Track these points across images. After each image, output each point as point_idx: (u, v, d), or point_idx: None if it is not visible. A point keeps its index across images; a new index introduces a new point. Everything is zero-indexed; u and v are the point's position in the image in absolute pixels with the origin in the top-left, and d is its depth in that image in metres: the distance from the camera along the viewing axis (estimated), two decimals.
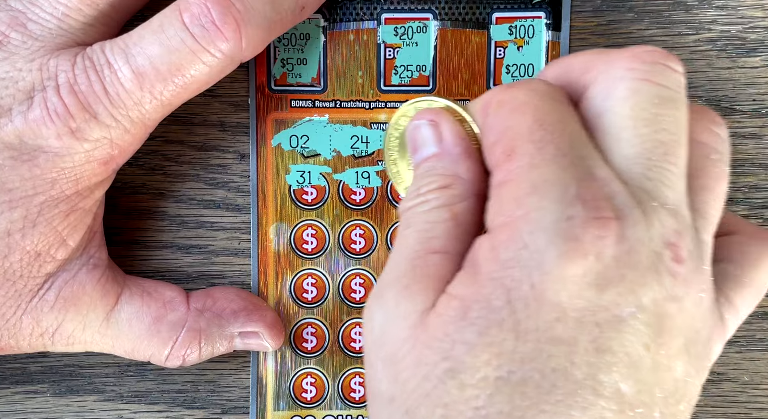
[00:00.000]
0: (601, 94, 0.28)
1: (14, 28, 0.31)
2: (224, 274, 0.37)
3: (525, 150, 0.27)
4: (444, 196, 0.29)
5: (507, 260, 0.26)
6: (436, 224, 0.29)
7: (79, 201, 0.32)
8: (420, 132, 0.31)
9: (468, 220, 0.29)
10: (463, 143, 0.30)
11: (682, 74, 0.28)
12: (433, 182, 0.30)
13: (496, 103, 0.28)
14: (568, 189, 0.26)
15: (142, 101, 0.30)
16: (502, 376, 0.25)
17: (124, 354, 0.34)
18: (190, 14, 0.30)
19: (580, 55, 0.29)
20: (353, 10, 0.35)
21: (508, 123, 0.28)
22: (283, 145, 0.36)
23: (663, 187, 0.27)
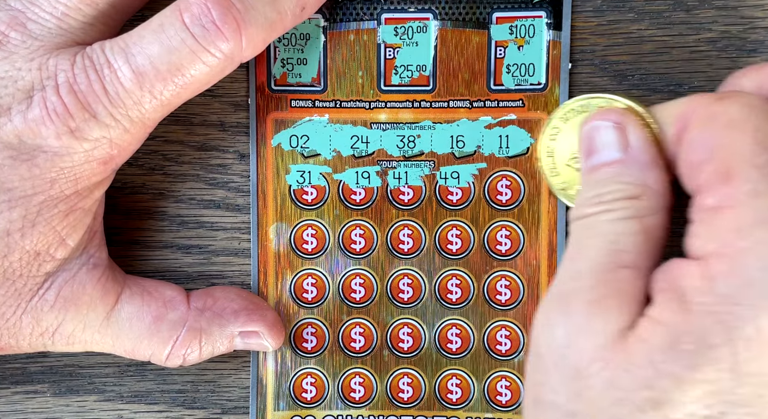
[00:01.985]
0: None
1: (14, 28, 0.31)
2: (224, 274, 0.37)
3: (747, 175, 0.25)
4: (633, 207, 0.28)
5: (728, 296, 0.25)
6: (626, 237, 0.27)
7: (78, 201, 0.32)
8: (600, 133, 0.29)
9: (658, 235, 0.28)
10: (652, 152, 0.29)
11: None
12: (619, 191, 0.28)
13: (705, 116, 0.27)
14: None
15: (142, 101, 0.30)
16: (712, 415, 0.24)
17: (125, 354, 0.34)
18: (191, 14, 0.30)
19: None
20: (353, 10, 0.35)
21: (722, 141, 0.26)
22: (283, 145, 0.36)
23: None
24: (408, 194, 0.36)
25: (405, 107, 0.35)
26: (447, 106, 0.35)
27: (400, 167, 0.36)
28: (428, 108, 0.35)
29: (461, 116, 0.35)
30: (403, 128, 0.36)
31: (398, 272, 0.36)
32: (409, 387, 0.37)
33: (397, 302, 0.36)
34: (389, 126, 0.36)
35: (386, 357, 0.37)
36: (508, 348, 0.36)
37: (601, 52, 0.35)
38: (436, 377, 0.37)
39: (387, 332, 0.37)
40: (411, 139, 0.36)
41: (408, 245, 0.36)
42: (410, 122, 0.35)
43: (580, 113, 0.31)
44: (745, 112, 0.26)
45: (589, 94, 0.31)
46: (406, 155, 0.36)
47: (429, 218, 0.36)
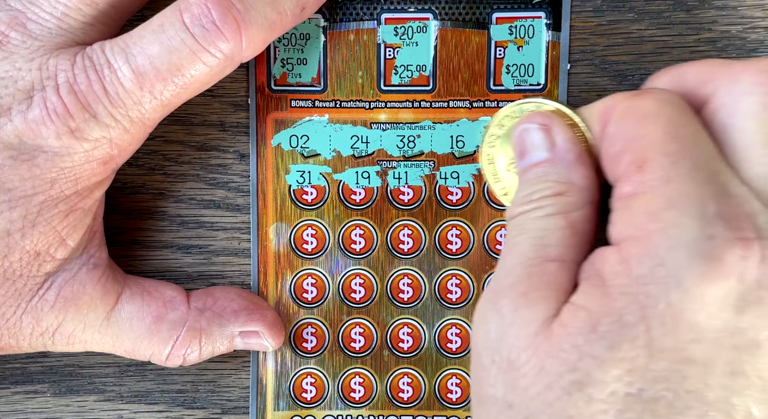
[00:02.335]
0: (726, 109, 0.27)
1: (14, 28, 0.31)
2: (224, 274, 0.37)
3: (658, 163, 0.26)
4: (559, 203, 0.29)
5: (641, 276, 0.25)
6: (552, 232, 0.28)
7: (78, 201, 0.32)
8: (529, 136, 0.30)
9: (584, 228, 0.29)
10: (577, 149, 0.30)
11: None
12: (546, 189, 0.29)
13: (622, 111, 0.28)
14: (707, 206, 0.25)
15: (142, 101, 0.30)
16: (632, 393, 0.25)
17: (125, 354, 0.34)
18: (191, 14, 0.30)
19: (695, 65, 0.29)
20: (353, 10, 0.35)
21: (637, 132, 0.27)
22: (283, 145, 0.36)
23: None
24: (408, 194, 0.36)
25: (405, 107, 0.35)
26: (447, 106, 0.35)
27: (400, 167, 0.36)
28: (428, 108, 0.35)
29: (461, 116, 0.35)
30: (403, 128, 0.36)
31: (398, 272, 0.36)
32: (409, 387, 0.37)
33: (397, 302, 0.36)
34: (389, 126, 0.36)
35: (386, 356, 0.37)
36: None
37: (600, 52, 0.35)
38: (436, 377, 0.37)
39: (387, 332, 0.37)
40: (411, 139, 0.36)
41: (408, 245, 0.36)
42: (410, 122, 0.36)
43: (514, 119, 0.32)
44: (658, 105, 0.27)
45: (521, 100, 0.32)
46: (406, 155, 0.36)
47: (429, 218, 0.36)
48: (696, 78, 0.29)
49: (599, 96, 0.35)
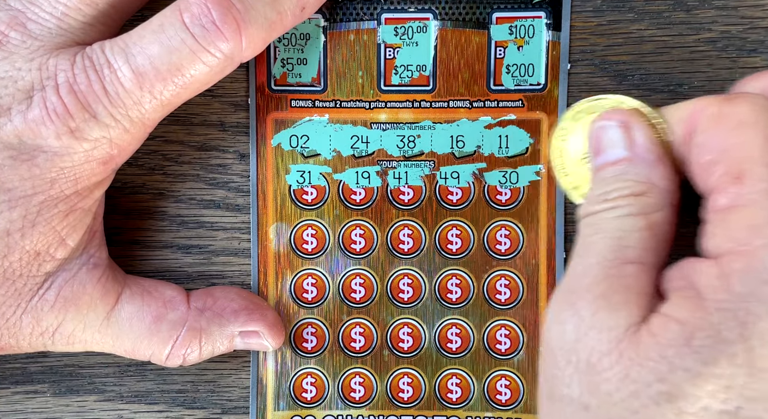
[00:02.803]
0: None
1: (13, 28, 0.31)
2: (224, 274, 0.37)
3: (759, 175, 0.26)
4: (638, 204, 0.28)
5: (743, 294, 0.25)
6: (631, 233, 0.28)
7: (78, 201, 0.32)
8: (607, 133, 0.30)
9: (664, 231, 0.28)
10: (657, 150, 0.29)
11: None
12: (624, 188, 0.29)
13: (713, 117, 0.27)
14: None
15: (142, 101, 0.30)
16: (728, 410, 0.25)
17: (125, 354, 0.34)
18: (191, 14, 0.30)
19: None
20: (353, 10, 0.35)
21: (732, 141, 0.26)
22: (283, 145, 0.36)
23: None
24: (408, 194, 0.36)
25: (405, 107, 0.35)
26: (447, 106, 0.35)
27: (400, 167, 0.36)
28: (428, 108, 0.35)
29: (461, 116, 0.35)
30: (403, 128, 0.36)
31: (398, 272, 0.36)
32: (409, 387, 0.37)
33: (397, 302, 0.36)
34: (389, 126, 0.36)
35: (386, 356, 0.37)
36: (508, 348, 0.36)
37: (600, 52, 0.35)
38: (436, 376, 0.37)
39: (387, 332, 0.37)
40: (411, 139, 0.36)
41: (408, 245, 0.36)
42: (410, 122, 0.36)
43: (589, 114, 0.32)
44: (754, 112, 0.26)
45: (598, 96, 0.32)
46: (406, 155, 0.36)
47: (429, 218, 0.36)
48: None
49: None
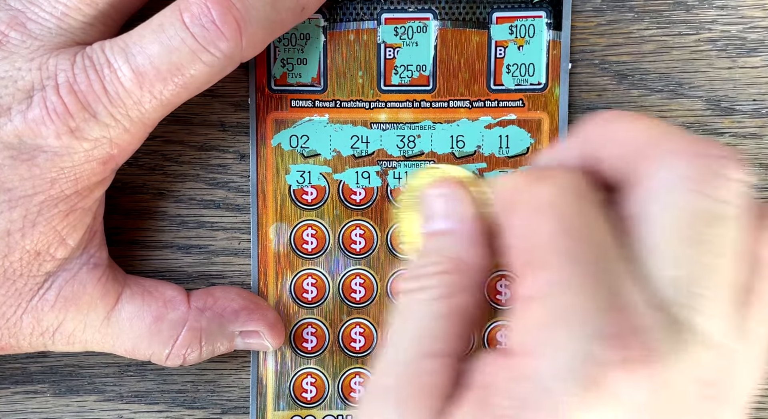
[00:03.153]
0: (646, 196, 0.25)
1: (13, 28, 0.31)
2: (224, 274, 0.37)
3: (547, 264, 0.24)
4: (445, 284, 0.27)
5: (523, 400, 0.24)
6: (434, 321, 0.27)
7: (78, 201, 0.32)
8: (435, 203, 0.29)
9: (469, 314, 0.27)
10: (475, 225, 0.28)
11: (743, 182, 0.24)
12: (436, 264, 0.27)
13: (518, 200, 0.26)
14: (593, 323, 0.23)
15: (142, 101, 0.30)
16: None
17: (125, 354, 0.34)
18: (191, 14, 0.30)
19: (633, 129, 0.26)
20: (353, 10, 0.35)
21: (530, 226, 0.25)
22: (283, 145, 0.36)
23: (702, 318, 0.24)
24: None
25: (405, 107, 0.35)
26: (447, 106, 0.35)
27: (400, 167, 0.36)
28: (428, 108, 0.35)
29: (461, 116, 0.35)
30: (403, 128, 0.36)
31: (398, 272, 0.36)
32: None
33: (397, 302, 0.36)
34: (389, 126, 0.36)
35: None
36: None
37: (601, 52, 0.35)
38: None
39: (387, 332, 0.36)
40: (411, 139, 0.36)
41: None
42: (410, 122, 0.35)
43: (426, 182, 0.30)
44: (553, 194, 0.25)
45: (436, 165, 0.31)
46: (406, 155, 0.36)
47: None
48: (627, 146, 0.25)
49: (599, 96, 0.35)
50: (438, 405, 0.25)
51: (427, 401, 0.25)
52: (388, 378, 0.26)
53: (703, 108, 0.36)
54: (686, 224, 0.24)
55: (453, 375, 0.26)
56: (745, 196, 0.24)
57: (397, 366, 0.26)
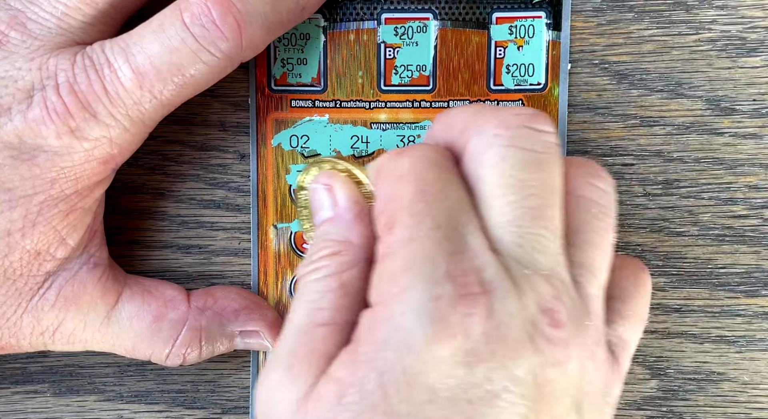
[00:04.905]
0: (473, 159, 0.28)
1: (13, 27, 0.31)
2: (224, 274, 0.37)
3: (404, 223, 0.27)
4: (334, 263, 0.29)
5: (381, 342, 0.26)
6: (324, 294, 0.29)
7: (78, 200, 0.32)
8: (317, 195, 0.31)
9: (358, 287, 0.29)
10: (356, 207, 0.30)
11: (550, 133, 0.28)
12: (325, 248, 0.30)
13: (384, 171, 0.28)
14: (438, 266, 0.26)
15: (142, 101, 0.30)
16: None
17: (125, 353, 0.34)
18: (191, 14, 0.30)
19: (460, 112, 0.29)
20: (353, 10, 0.35)
21: (392, 192, 0.28)
22: (283, 145, 0.36)
23: (535, 253, 0.27)
24: None
25: (405, 107, 0.35)
26: (447, 106, 0.35)
27: None
28: (428, 108, 0.35)
29: None
30: (403, 128, 0.36)
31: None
32: None
33: None
34: (389, 126, 0.36)
35: None
36: None
37: (601, 52, 0.35)
38: None
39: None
40: (411, 139, 0.36)
41: None
42: (410, 122, 0.36)
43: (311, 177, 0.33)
44: (412, 163, 0.28)
45: (320, 158, 0.33)
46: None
47: None
48: (459, 126, 0.29)
49: (599, 96, 0.35)
50: (321, 365, 0.27)
51: (312, 362, 0.27)
52: (282, 348, 0.28)
53: (703, 108, 0.36)
54: (505, 174, 0.27)
55: (340, 340, 0.28)
56: (552, 145, 0.28)
57: (289, 336, 0.28)
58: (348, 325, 0.28)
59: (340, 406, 0.26)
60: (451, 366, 0.25)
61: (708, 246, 0.37)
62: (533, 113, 0.28)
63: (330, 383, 0.26)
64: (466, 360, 0.25)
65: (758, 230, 0.36)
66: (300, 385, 0.27)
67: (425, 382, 0.25)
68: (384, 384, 0.25)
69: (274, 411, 0.27)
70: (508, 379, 0.25)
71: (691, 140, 0.36)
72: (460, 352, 0.25)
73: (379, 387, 0.25)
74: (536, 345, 0.26)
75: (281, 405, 0.27)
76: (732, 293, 0.37)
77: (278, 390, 0.27)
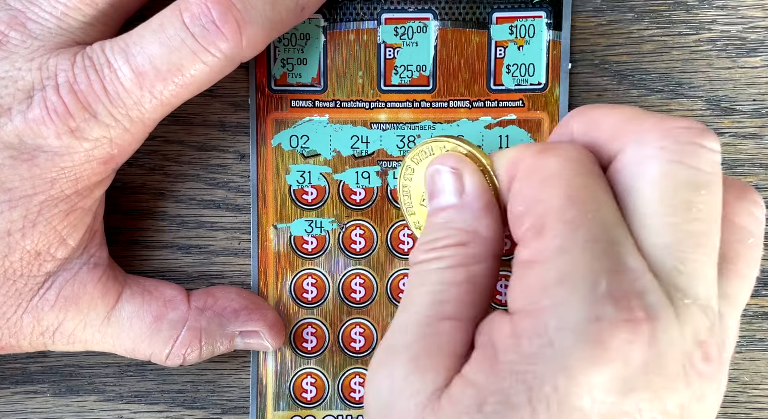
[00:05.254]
0: (630, 171, 0.26)
1: (13, 28, 0.31)
2: (224, 274, 0.37)
3: (556, 230, 0.25)
4: (461, 254, 0.28)
5: (530, 355, 0.25)
6: (450, 287, 0.28)
7: (78, 201, 0.32)
8: (440, 178, 0.30)
9: (484, 283, 0.28)
10: (485, 198, 0.29)
11: (718, 153, 0.26)
12: (450, 236, 0.28)
13: (526, 170, 0.27)
14: (598, 283, 0.24)
15: (142, 101, 0.30)
16: None
17: (125, 353, 0.34)
18: (191, 14, 0.30)
19: (611, 112, 0.28)
20: (353, 10, 0.35)
21: (538, 195, 0.26)
22: (283, 145, 0.36)
23: (695, 281, 0.25)
24: None
25: (405, 107, 0.35)
26: (447, 106, 0.35)
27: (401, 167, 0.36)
28: (428, 108, 0.35)
29: (461, 116, 0.35)
30: (403, 128, 0.36)
31: (398, 272, 0.36)
32: None
33: (396, 302, 0.36)
34: (389, 126, 0.36)
35: None
36: None
37: (601, 52, 0.35)
38: None
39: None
40: (411, 139, 0.36)
41: (408, 245, 0.36)
42: (410, 122, 0.36)
43: (428, 156, 0.31)
44: (560, 165, 0.26)
45: (439, 136, 0.31)
46: (406, 155, 0.36)
47: None
48: (609, 130, 0.27)
49: (599, 96, 0.35)
50: (449, 363, 0.26)
51: (440, 358, 0.26)
52: (403, 338, 0.27)
53: (703, 108, 0.36)
54: (669, 192, 0.25)
55: (466, 338, 0.27)
56: (719, 166, 0.26)
57: (412, 326, 0.27)
58: (472, 322, 0.27)
59: (480, 413, 0.25)
60: (605, 393, 0.24)
61: None
62: (703, 128, 0.26)
63: (468, 386, 0.25)
64: (622, 388, 0.24)
65: None
66: (428, 381, 0.26)
67: (577, 404, 0.24)
68: (533, 399, 0.24)
69: (397, 403, 0.26)
70: (659, 411, 0.25)
71: None
72: (618, 379, 0.24)
73: (528, 401, 0.24)
74: (689, 378, 0.25)
75: (407, 398, 0.26)
76: None
77: (402, 381, 0.26)
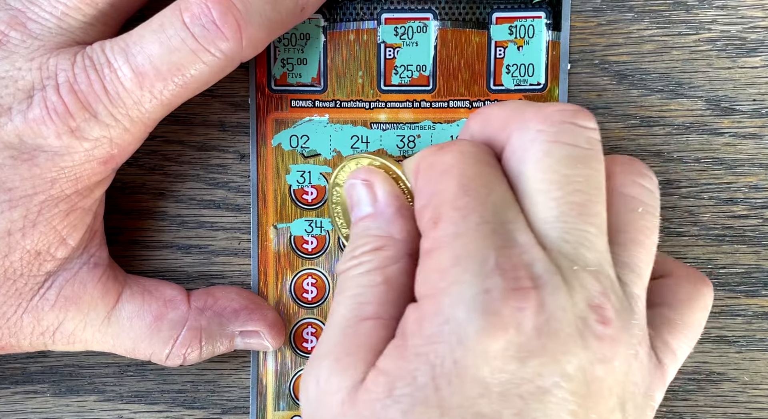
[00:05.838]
0: (517, 156, 0.28)
1: (13, 27, 0.31)
2: (224, 274, 0.37)
3: (450, 218, 0.27)
4: (377, 258, 0.29)
5: (431, 335, 0.26)
6: (369, 289, 0.29)
7: (78, 200, 0.32)
8: (355, 191, 0.31)
9: (401, 282, 0.29)
10: (396, 203, 0.30)
11: (593, 130, 0.28)
12: (367, 244, 0.30)
13: (425, 166, 0.28)
14: (487, 260, 0.26)
15: (142, 101, 0.30)
16: None
17: (125, 353, 0.34)
18: (191, 14, 0.30)
19: (499, 108, 0.29)
20: (353, 10, 0.35)
21: (435, 188, 0.28)
22: (283, 145, 0.36)
23: (582, 249, 0.27)
24: None
25: (405, 107, 0.35)
26: (447, 106, 0.35)
27: None
28: (428, 108, 0.35)
29: (461, 116, 0.35)
30: (403, 128, 0.36)
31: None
32: None
33: None
34: (389, 126, 0.36)
35: None
36: None
37: (600, 52, 0.35)
38: None
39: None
40: (411, 139, 0.36)
41: None
42: (410, 122, 0.36)
43: (348, 173, 0.33)
44: (455, 158, 0.28)
45: (355, 154, 0.33)
46: (406, 155, 0.36)
47: None
48: (498, 123, 0.29)
49: (599, 96, 0.35)
50: (368, 359, 0.27)
51: (359, 355, 0.27)
52: (327, 343, 0.28)
53: (703, 108, 0.36)
54: (549, 169, 0.27)
55: (388, 334, 0.28)
56: (596, 141, 0.28)
57: (336, 331, 0.29)
58: (393, 320, 0.28)
59: (390, 398, 0.26)
60: (503, 361, 0.25)
61: (708, 246, 0.37)
62: (576, 108, 0.28)
63: (379, 375, 0.26)
64: (518, 355, 0.25)
65: (758, 230, 0.36)
66: (348, 378, 0.27)
67: (477, 375, 0.25)
68: (436, 376, 0.25)
69: (322, 404, 0.27)
70: (559, 375, 0.25)
71: (691, 140, 0.36)
72: (513, 346, 0.25)
73: (432, 379, 0.25)
74: (585, 341, 0.26)
75: (329, 398, 0.27)
76: (732, 293, 0.37)
77: (325, 382, 0.27)
